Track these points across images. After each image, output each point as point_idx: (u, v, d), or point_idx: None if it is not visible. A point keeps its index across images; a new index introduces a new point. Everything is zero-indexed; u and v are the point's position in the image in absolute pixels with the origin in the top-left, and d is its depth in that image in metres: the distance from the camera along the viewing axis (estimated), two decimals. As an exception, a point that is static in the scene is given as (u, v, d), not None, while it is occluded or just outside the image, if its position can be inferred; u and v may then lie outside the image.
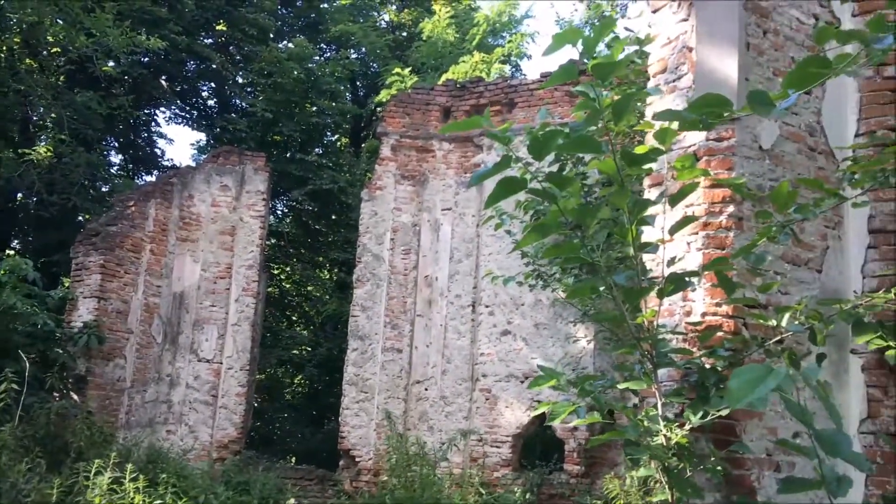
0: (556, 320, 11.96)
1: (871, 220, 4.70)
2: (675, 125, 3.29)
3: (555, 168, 8.19)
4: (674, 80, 4.84)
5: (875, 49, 1.97)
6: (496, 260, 12.52)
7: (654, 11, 5.14)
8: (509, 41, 21.70)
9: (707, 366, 3.84)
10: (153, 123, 20.78)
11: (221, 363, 13.75)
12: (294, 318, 23.86)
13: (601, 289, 3.56)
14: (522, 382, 11.97)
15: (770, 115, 2.03)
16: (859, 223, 4.73)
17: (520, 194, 2.97)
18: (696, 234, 4.41)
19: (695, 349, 4.04)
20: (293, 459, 17.92)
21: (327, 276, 23.10)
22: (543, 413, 10.43)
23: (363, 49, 23.08)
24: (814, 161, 4.75)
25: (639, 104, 6.21)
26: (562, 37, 2.91)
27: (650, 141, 4.05)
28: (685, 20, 4.81)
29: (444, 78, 17.40)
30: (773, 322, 3.71)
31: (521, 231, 5.52)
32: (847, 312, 3.59)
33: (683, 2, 4.84)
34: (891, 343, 3.72)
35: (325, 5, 23.93)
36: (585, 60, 3.00)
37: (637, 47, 8.40)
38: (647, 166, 3.49)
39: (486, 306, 12.58)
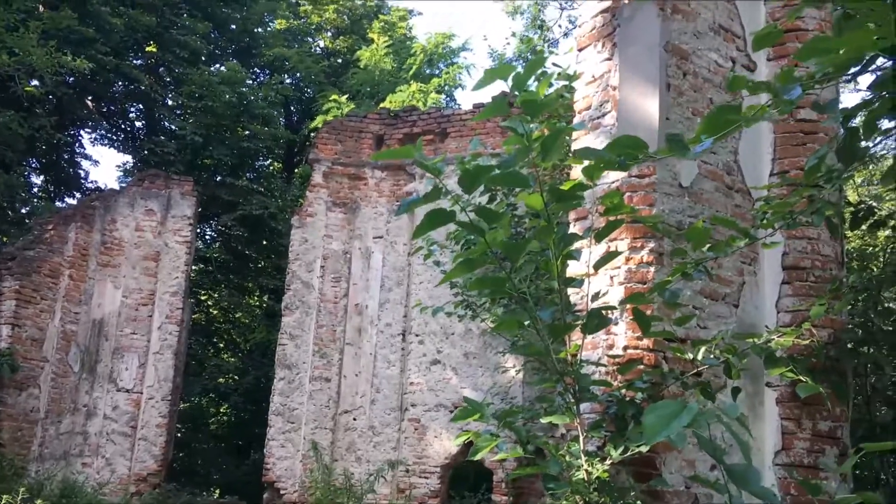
0: (486, 350, 12.00)
1: (784, 256, 4.88)
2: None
3: (486, 198, 8.28)
4: (598, 117, 4.95)
5: (784, 100, 2.06)
6: (427, 289, 12.51)
7: (580, 50, 5.27)
8: (445, 72, 21.93)
9: (626, 398, 3.89)
10: (77, 145, 20.20)
11: (142, 393, 13.31)
12: (221, 345, 23.33)
13: (526, 323, 3.59)
14: (451, 412, 11.92)
15: (686, 158, 2.09)
16: (774, 259, 4.90)
17: (450, 224, 2.98)
18: (619, 268, 4.50)
19: (616, 382, 4.09)
20: (216, 492, 17.42)
21: (256, 303, 22.70)
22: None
23: (298, 74, 22.99)
24: (731, 199, 4.90)
25: (567, 138, 6.34)
26: (492, 72, 2.95)
27: (576, 175, 4.13)
28: (609, 59, 4.94)
29: (381, 106, 17.45)
30: (690, 355, 3.79)
31: (451, 261, 5.53)
32: (760, 347, 3.69)
33: (607, 42, 4.98)
34: (801, 377, 3.84)
35: (259, 30, 23.78)
36: (517, 93, 3.04)
37: (566, 82, 8.59)
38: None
39: (417, 335, 12.53)
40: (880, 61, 2.39)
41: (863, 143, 2.99)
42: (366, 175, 13.48)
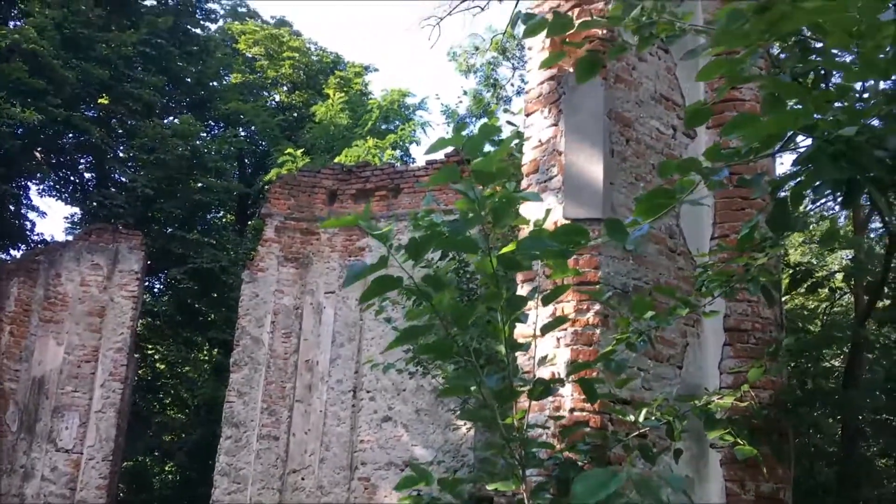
0: (438, 406, 11.91)
1: (726, 318, 4.99)
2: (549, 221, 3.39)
3: (438, 254, 8.32)
4: (545, 180, 5.06)
5: (713, 180, 2.15)
6: (379, 344, 12.43)
7: (528, 115, 5.40)
8: (401, 128, 22.17)
9: (569, 461, 3.90)
10: (24, 196, 19.79)
11: (82, 453, 12.85)
12: (167, 401, 22.74)
13: (473, 389, 3.59)
14: (402, 471, 11.76)
15: (624, 243, 2.16)
16: (716, 321, 5.01)
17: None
18: (565, 329, 4.55)
19: (561, 444, 4.10)
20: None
21: (205, 357, 22.27)
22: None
23: (253, 127, 23.03)
24: (674, 262, 5.02)
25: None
26: (444, 141, 3.02)
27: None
28: (555, 125, 5.07)
29: (335, 161, 17.54)
30: (632, 417, 3.83)
31: (403, 316, 5.52)
32: (700, 408, 3.75)
33: (554, 108, 5.11)
34: (738, 439, 3.90)
35: (215, 84, 23.83)
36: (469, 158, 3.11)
37: (518, 140, 8.76)
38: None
39: (368, 392, 12.40)
40: (800, 138, 2.51)
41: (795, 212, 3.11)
42: (318, 230, 13.46)
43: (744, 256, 3.51)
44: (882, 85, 2.51)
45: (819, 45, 2.88)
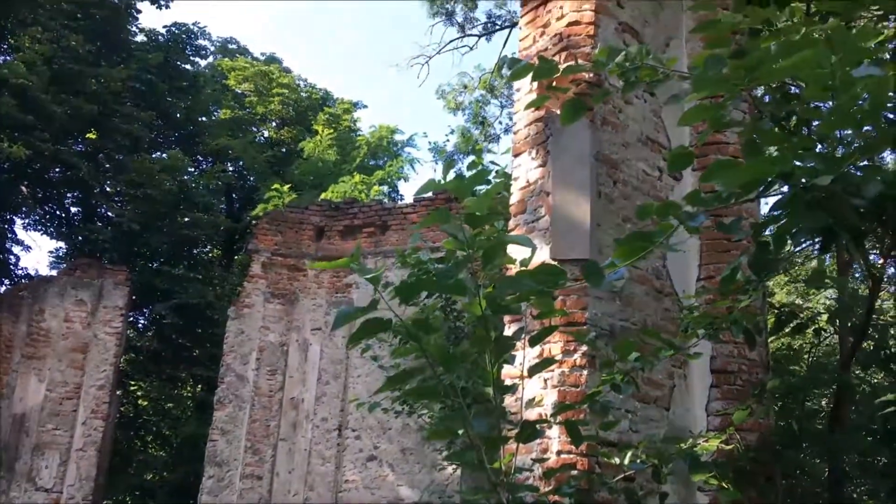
0: (424, 446, 11.80)
1: (713, 360, 5.00)
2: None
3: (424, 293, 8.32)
4: (532, 221, 5.08)
5: (690, 225, 2.18)
6: (365, 382, 12.35)
7: (516, 155, 5.45)
8: (389, 164, 22.28)
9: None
10: (9, 231, 19.68)
11: (62, 492, 12.63)
12: (149, 438, 22.41)
13: (460, 432, 3.57)
14: (388, 511, 11.61)
15: (601, 287, 2.17)
16: (703, 363, 5.01)
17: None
18: (553, 371, 4.54)
19: (546, 487, 4.07)
20: None
21: (188, 394, 22.01)
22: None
23: (241, 163, 23.08)
24: (660, 303, 5.04)
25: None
26: (432, 184, 3.05)
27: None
28: (542, 166, 5.11)
29: (322, 197, 17.58)
30: (617, 460, 3.82)
31: (389, 354, 5.53)
32: (685, 451, 3.74)
33: (541, 150, 5.16)
34: (723, 483, 3.88)
35: (204, 119, 23.92)
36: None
37: (504, 180, 8.82)
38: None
39: (353, 430, 12.29)
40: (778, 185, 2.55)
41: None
42: (305, 266, 13.44)
43: (727, 299, 3.53)
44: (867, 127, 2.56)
45: (799, 89, 2.94)
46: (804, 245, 2.75)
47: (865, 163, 2.65)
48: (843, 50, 2.13)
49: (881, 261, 5.71)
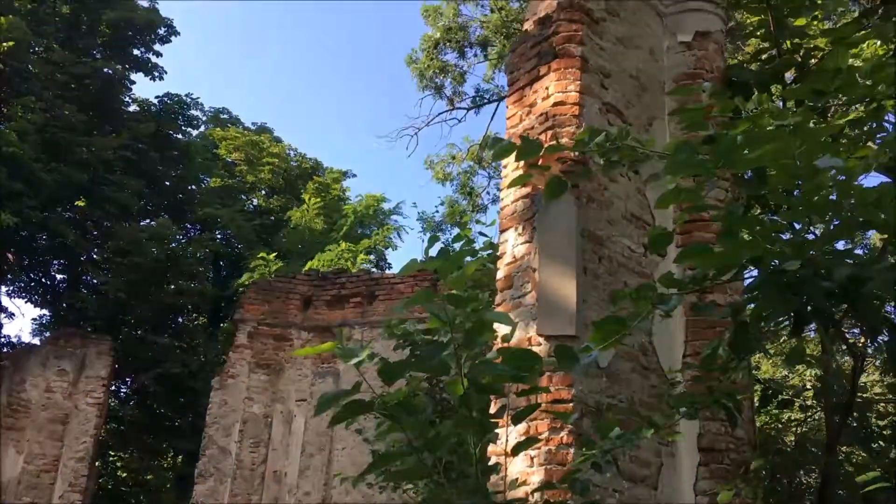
0: (409, 521, 11.55)
1: (700, 438, 4.97)
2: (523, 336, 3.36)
3: (406, 351, 8.26)
4: (519, 297, 5.11)
5: (662, 307, 2.23)
6: (350, 455, 12.15)
7: (502, 231, 5.51)
8: (376, 233, 22.40)
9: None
10: (-7, 299, 19.55)
11: (36, 569, 12.25)
12: (128, 512, 21.83)
13: (444, 511, 3.53)
14: (371, 590, 11.28)
15: (572, 370, 2.20)
16: (691, 441, 4.99)
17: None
18: (539, 449, 4.50)
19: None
20: None
21: (168, 465, 21.55)
22: None
23: (229, 231, 23.14)
24: (647, 379, 5.04)
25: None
26: (415, 264, 3.10)
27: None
28: (529, 242, 5.17)
29: (309, 265, 17.60)
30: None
31: (375, 426, 5.47)
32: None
33: (527, 226, 5.23)
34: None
35: (193, 187, 24.07)
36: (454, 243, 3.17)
37: (491, 251, 8.88)
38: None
39: (337, 505, 12.03)
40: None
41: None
42: (291, 336, 13.36)
43: (709, 377, 3.55)
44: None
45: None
46: (783, 324, 2.79)
47: (843, 245, 2.71)
48: (806, 143, 2.22)
49: (862, 339, 5.75)
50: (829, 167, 2.26)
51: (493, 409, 4.79)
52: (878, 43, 6.56)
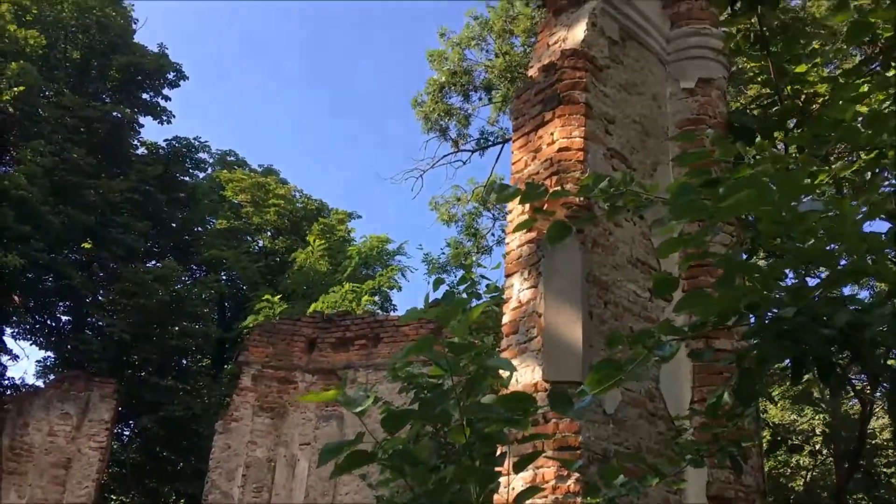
0: (414, 568, 11.37)
1: (709, 486, 4.91)
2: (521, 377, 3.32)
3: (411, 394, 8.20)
4: (524, 342, 5.10)
5: (657, 353, 2.23)
6: (353, 499, 12.00)
7: (508, 276, 5.51)
8: (380, 274, 22.40)
9: None
10: (-2, 341, 19.52)
11: None
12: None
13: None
14: None
15: (568, 415, 2.20)
16: (699, 489, 4.93)
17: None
18: (546, 497, 4.45)
19: None
20: None
21: (171, 510, 21.31)
22: None
23: (234, 272, 23.19)
24: (654, 426, 5.00)
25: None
26: (416, 312, 3.10)
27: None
28: (534, 287, 5.17)
29: (312, 307, 17.58)
30: None
31: (379, 472, 5.43)
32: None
33: (533, 271, 5.24)
34: None
35: (200, 229, 24.19)
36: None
37: (496, 293, 8.86)
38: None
39: (341, 551, 11.85)
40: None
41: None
42: (296, 379, 13.30)
43: (715, 424, 3.53)
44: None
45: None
46: (785, 371, 2.78)
47: (849, 289, 2.71)
48: (786, 186, 2.23)
49: (868, 386, 5.71)
50: (813, 212, 2.27)
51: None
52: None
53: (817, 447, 6.91)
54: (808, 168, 2.74)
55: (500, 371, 4.99)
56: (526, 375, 4.90)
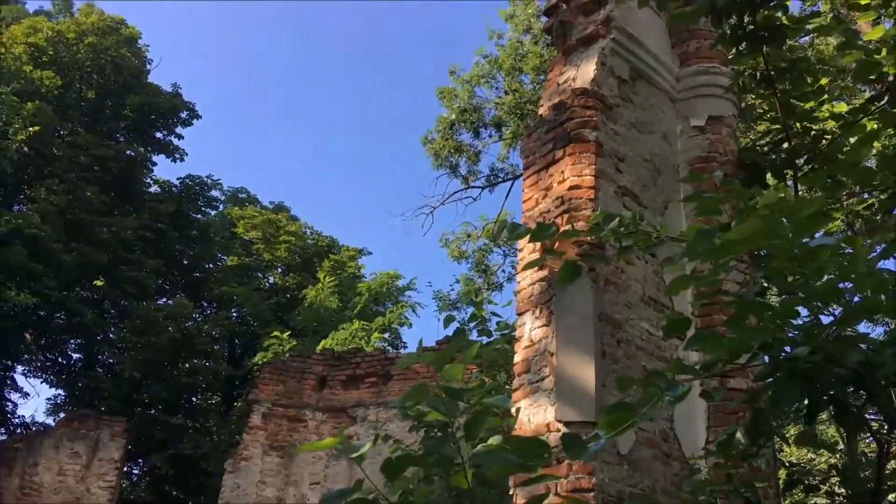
0: None
1: (724, 528, 4.83)
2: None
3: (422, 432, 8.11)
4: (537, 381, 5.06)
5: (669, 394, 2.22)
6: (364, 541, 11.86)
7: (519, 314, 5.49)
8: (390, 310, 22.36)
9: None
10: (8, 378, 19.52)
11: None
12: None
13: None
14: None
15: (582, 458, 2.17)
16: (715, 530, 4.84)
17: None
18: (560, 541, 4.38)
19: None
20: None
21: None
22: None
23: (245, 309, 23.22)
24: (669, 467, 4.93)
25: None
26: (411, 357, 3.12)
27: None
28: (546, 326, 5.14)
29: (322, 344, 17.55)
30: None
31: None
32: None
33: (545, 309, 5.21)
34: None
35: (211, 266, 24.29)
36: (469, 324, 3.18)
37: (507, 331, 8.83)
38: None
39: None
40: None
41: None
42: (306, 417, 13.23)
43: (728, 464, 3.48)
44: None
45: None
46: (800, 412, 2.74)
47: (864, 326, 2.68)
48: (794, 221, 2.22)
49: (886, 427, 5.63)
50: (825, 247, 2.26)
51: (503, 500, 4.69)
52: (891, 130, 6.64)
53: (834, 488, 6.78)
54: (820, 204, 2.73)
55: (511, 409, 4.95)
56: (538, 415, 4.85)
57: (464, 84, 21.09)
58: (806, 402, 2.38)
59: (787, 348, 2.45)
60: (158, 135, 23.14)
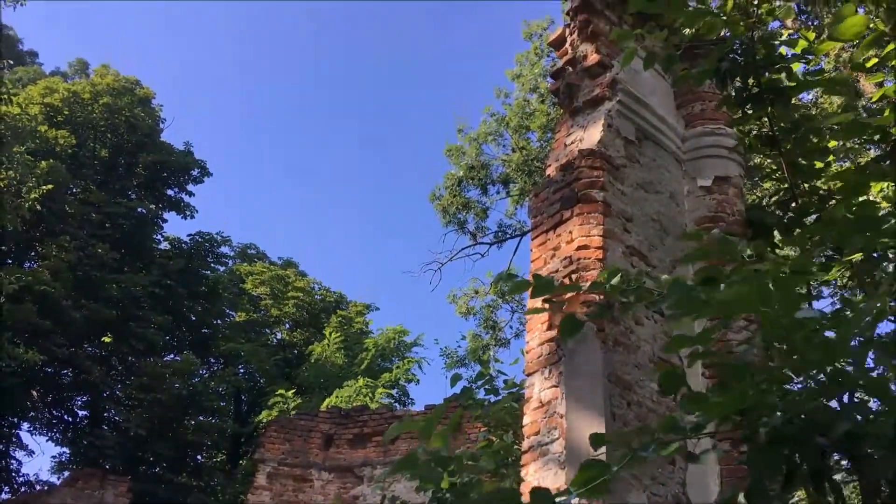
0: None
1: None
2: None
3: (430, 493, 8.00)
4: (546, 443, 5.00)
5: (642, 454, 2.21)
6: None
7: (528, 374, 5.45)
8: (397, 366, 22.24)
9: None
10: (14, 436, 19.36)
11: None
12: None
13: None
14: None
15: None
16: None
17: None
18: None
19: None
20: None
21: None
22: None
23: (251, 365, 23.13)
24: (682, 532, 4.83)
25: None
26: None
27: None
28: (555, 387, 5.10)
29: (327, 402, 17.42)
30: None
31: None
32: None
33: (554, 370, 5.18)
34: None
35: (219, 321, 24.28)
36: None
37: (515, 389, 8.74)
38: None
39: None
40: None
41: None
42: (312, 476, 13.04)
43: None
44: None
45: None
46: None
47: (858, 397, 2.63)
48: (780, 292, 2.21)
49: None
50: (811, 319, 2.25)
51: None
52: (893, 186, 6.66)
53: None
54: (808, 274, 2.72)
55: (526, 475, 4.87)
56: (548, 479, 4.78)
57: (471, 141, 21.34)
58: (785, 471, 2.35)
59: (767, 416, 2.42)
60: (170, 192, 23.40)
